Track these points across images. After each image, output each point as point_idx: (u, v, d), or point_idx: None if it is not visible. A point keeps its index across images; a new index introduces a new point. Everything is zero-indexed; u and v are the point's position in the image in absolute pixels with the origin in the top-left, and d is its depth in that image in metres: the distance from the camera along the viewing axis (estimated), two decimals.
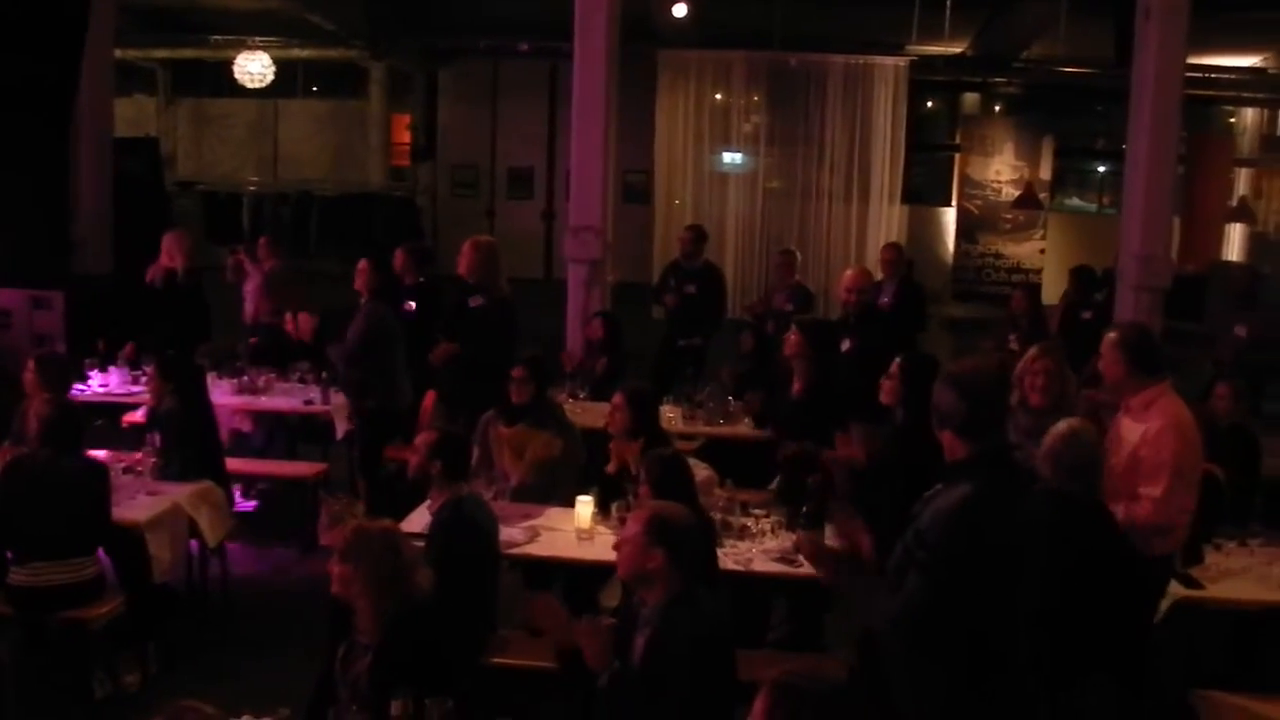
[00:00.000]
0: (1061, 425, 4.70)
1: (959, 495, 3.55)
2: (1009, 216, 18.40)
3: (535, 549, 5.72)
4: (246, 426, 8.50)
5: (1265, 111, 19.40)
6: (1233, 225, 18.86)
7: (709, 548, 5.08)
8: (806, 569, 5.37)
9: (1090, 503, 4.60)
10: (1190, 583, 5.38)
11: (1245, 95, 18.67)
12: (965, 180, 18.56)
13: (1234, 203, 18.67)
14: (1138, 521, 4.89)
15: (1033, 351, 5.95)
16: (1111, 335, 5.29)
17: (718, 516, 5.68)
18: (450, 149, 20.37)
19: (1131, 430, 5.08)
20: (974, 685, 3.62)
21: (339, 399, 8.20)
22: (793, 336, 6.69)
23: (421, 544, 5.05)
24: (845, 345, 7.68)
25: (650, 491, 4.92)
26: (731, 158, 16.79)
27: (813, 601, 6.00)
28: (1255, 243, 18.79)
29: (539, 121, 19.35)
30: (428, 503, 5.40)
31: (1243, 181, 19.31)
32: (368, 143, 19.98)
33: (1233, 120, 19.80)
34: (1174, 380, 5.26)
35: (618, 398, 6.15)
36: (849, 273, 8.58)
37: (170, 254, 9.12)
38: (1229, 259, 18.19)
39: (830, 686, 2.98)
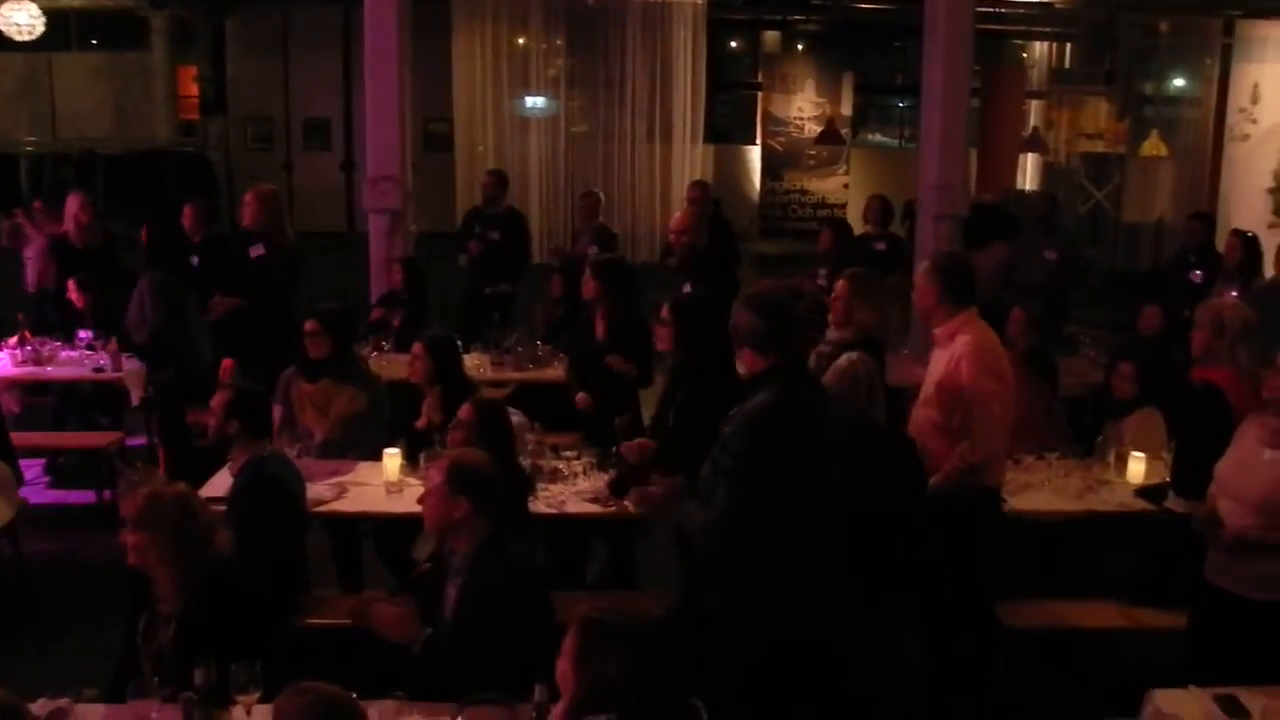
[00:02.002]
0: (840, 360, 4.74)
1: (758, 402, 3.68)
2: (812, 153, 18.71)
3: (343, 505, 5.60)
4: (14, 407, 8.06)
5: (1054, 45, 20.09)
6: (1026, 155, 19.54)
7: (521, 493, 5.07)
8: (619, 507, 5.41)
9: (873, 431, 4.66)
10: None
11: (1035, 29, 19.30)
12: (768, 118, 18.77)
13: (1027, 133, 19.33)
14: (961, 462, 4.98)
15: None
16: (925, 263, 5.36)
17: (528, 461, 5.64)
18: (241, 101, 19.65)
19: (939, 360, 5.14)
20: (784, 585, 3.73)
21: (133, 364, 7.86)
22: (588, 279, 6.67)
23: (224, 507, 4.89)
24: (686, 288, 7.71)
25: (473, 437, 4.85)
26: (533, 101, 16.64)
27: (627, 540, 6.04)
28: (1048, 172, 19.52)
29: (334, 70, 18.81)
30: (229, 465, 5.22)
31: (1035, 113, 20.00)
32: (152, 97, 19.13)
33: (1024, 54, 20.46)
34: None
35: (418, 346, 6.06)
36: (677, 215, 8.60)
37: None
38: (1023, 188, 18.86)
39: (638, 620, 3.00)
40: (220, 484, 5.36)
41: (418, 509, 4.20)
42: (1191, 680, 3.94)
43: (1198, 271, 9.13)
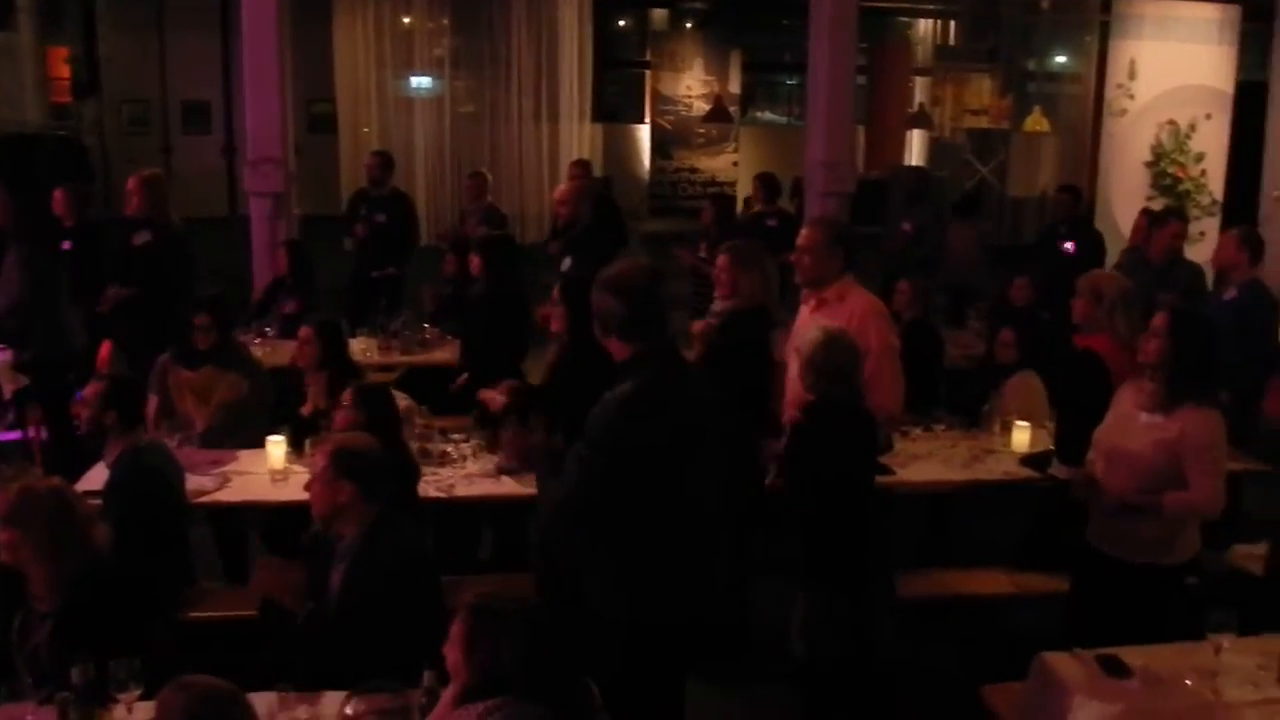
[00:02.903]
0: (816, 333, 4.65)
1: (619, 392, 3.63)
2: (701, 131, 18.70)
3: (227, 495, 5.49)
4: None
5: (939, 23, 20.34)
6: (913, 131, 19.78)
7: (409, 477, 5.01)
8: (509, 488, 5.39)
9: (855, 407, 4.65)
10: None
11: (920, 7, 19.51)
12: (657, 97, 18.71)
13: (913, 110, 19.56)
14: (887, 414, 5.06)
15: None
16: (816, 228, 5.41)
17: (416, 445, 5.58)
18: (116, 83, 19.03)
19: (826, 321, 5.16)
20: (637, 572, 3.71)
21: (4, 356, 7.59)
22: (473, 255, 6.65)
23: (100, 501, 4.76)
24: (566, 264, 7.69)
25: (359, 422, 4.76)
26: (419, 82, 16.40)
27: (518, 521, 6.01)
28: (933, 147, 19.78)
29: (212, 51, 18.33)
30: (105, 456, 5.07)
31: (920, 90, 20.24)
32: (21, 79, 18.42)
33: (909, 31, 20.69)
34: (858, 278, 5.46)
35: (305, 331, 5.97)
36: (560, 187, 8.59)
37: None
38: (910, 163, 19.11)
39: (526, 605, 2.99)
40: (97, 477, 5.20)
41: (304, 496, 4.14)
42: (1076, 643, 4.02)
43: (1069, 243, 9.32)
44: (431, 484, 5.40)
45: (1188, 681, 3.79)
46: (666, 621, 3.80)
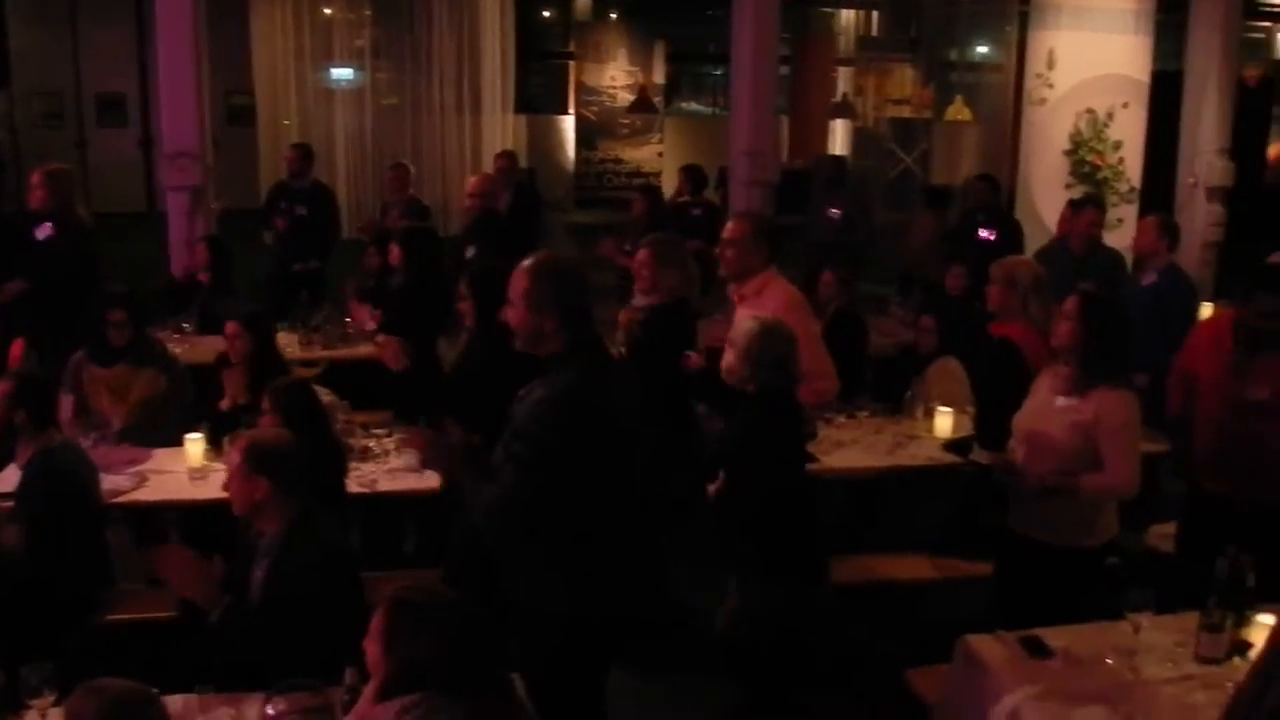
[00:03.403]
0: (752, 324, 4.62)
1: (555, 385, 3.58)
2: (626, 122, 18.71)
3: (144, 494, 5.40)
4: None
5: (861, 13, 20.46)
6: (836, 121, 19.88)
7: (336, 472, 4.95)
8: (433, 482, 5.32)
9: (792, 397, 4.64)
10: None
11: None
12: (581, 88, 18.69)
13: (837, 100, 19.66)
14: (820, 400, 5.09)
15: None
16: (741, 222, 5.41)
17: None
18: (27, 76, 18.56)
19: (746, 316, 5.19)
20: (574, 566, 3.69)
21: None
22: (394, 248, 6.57)
23: (12, 503, 4.66)
24: (470, 253, 7.62)
25: (280, 422, 4.69)
26: (339, 74, 16.21)
27: (442, 516, 5.95)
28: (857, 137, 19.90)
29: (128, 42, 17.97)
30: (16, 458, 4.95)
31: (844, 80, 20.35)
32: None
33: (832, 22, 20.78)
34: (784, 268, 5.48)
35: (234, 325, 5.84)
36: (472, 178, 8.51)
37: None
38: (834, 153, 19.21)
39: (446, 598, 2.96)
40: (9, 478, 5.07)
41: (225, 494, 4.06)
42: (999, 625, 4.06)
43: (987, 231, 9.41)
44: (354, 479, 5.34)
45: (1108, 660, 3.85)
46: (603, 615, 3.78)
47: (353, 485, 5.28)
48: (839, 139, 20.05)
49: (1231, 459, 4.91)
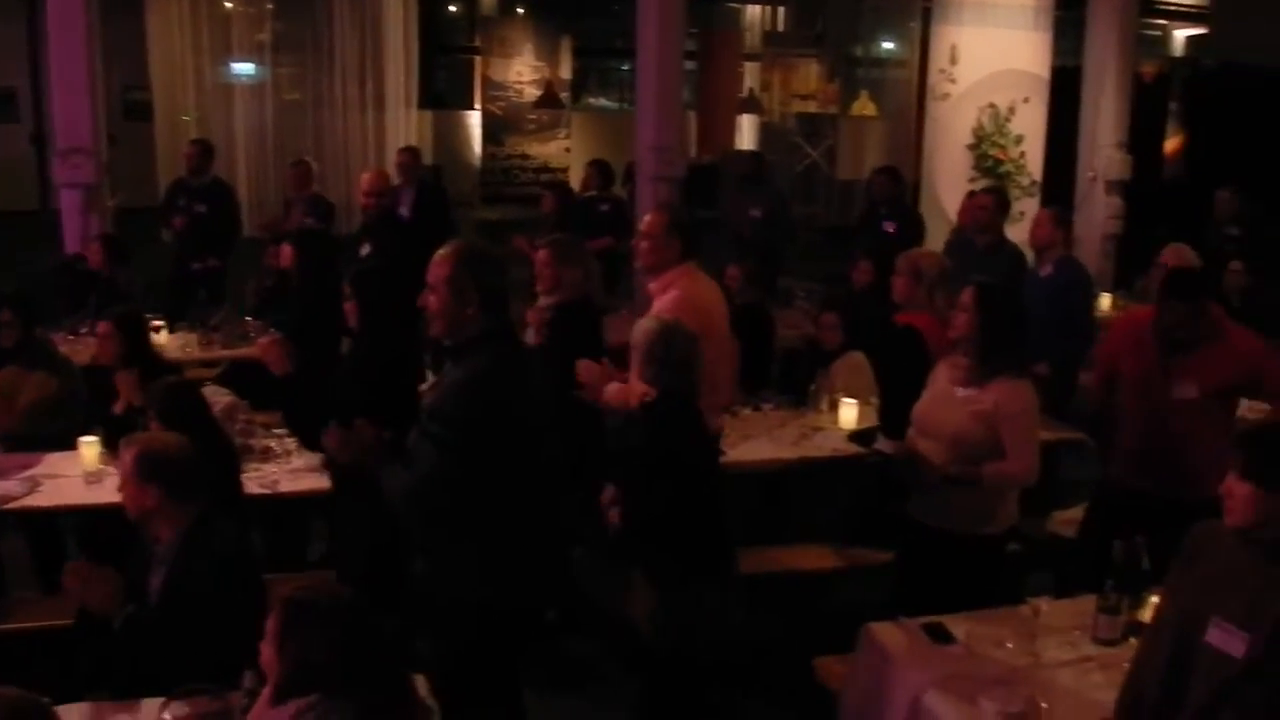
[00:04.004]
0: (651, 323, 4.57)
1: (471, 368, 3.60)
2: (533, 117, 18.62)
3: (37, 500, 5.25)
4: None
5: (767, 8, 20.58)
6: (743, 116, 19.97)
7: (230, 473, 4.85)
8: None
9: (693, 396, 4.59)
10: None
11: None
12: (487, 83, 18.57)
13: (744, 95, 19.75)
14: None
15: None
16: (657, 215, 5.37)
17: (239, 442, 5.42)
18: None
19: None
20: (489, 552, 3.69)
21: None
22: (286, 249, 6.45)
23: None
24: (365, 250, 7.51)
25: (159, 424, 4.58)
26: (240, 68, 15.93)
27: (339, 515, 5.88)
28: (764, 132, 20.02)
29: (18, 35, 17.50)
30: None
31: (750, 75, 20.45)
32: None
33: (738, 17, 20.88)
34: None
35: (105, 326, 5.70)
36: (365, 175, 8.37)
37: None
38: (741, 148, 19.30)
39: (340, 597, 2.92)
40: None
41: (120, 498, 3.97)
42: (902, 612, 4.10)
43: (889, 223, 9.51)
44: (255, 480, 5.27)
45: (1008, 645, 3.90)
46: (514, 603, 3.79)
47: (254, 486, 5.20)
48: (746, 134, 20.16)
49: (1154, 455, 4.95)
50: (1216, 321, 4.92)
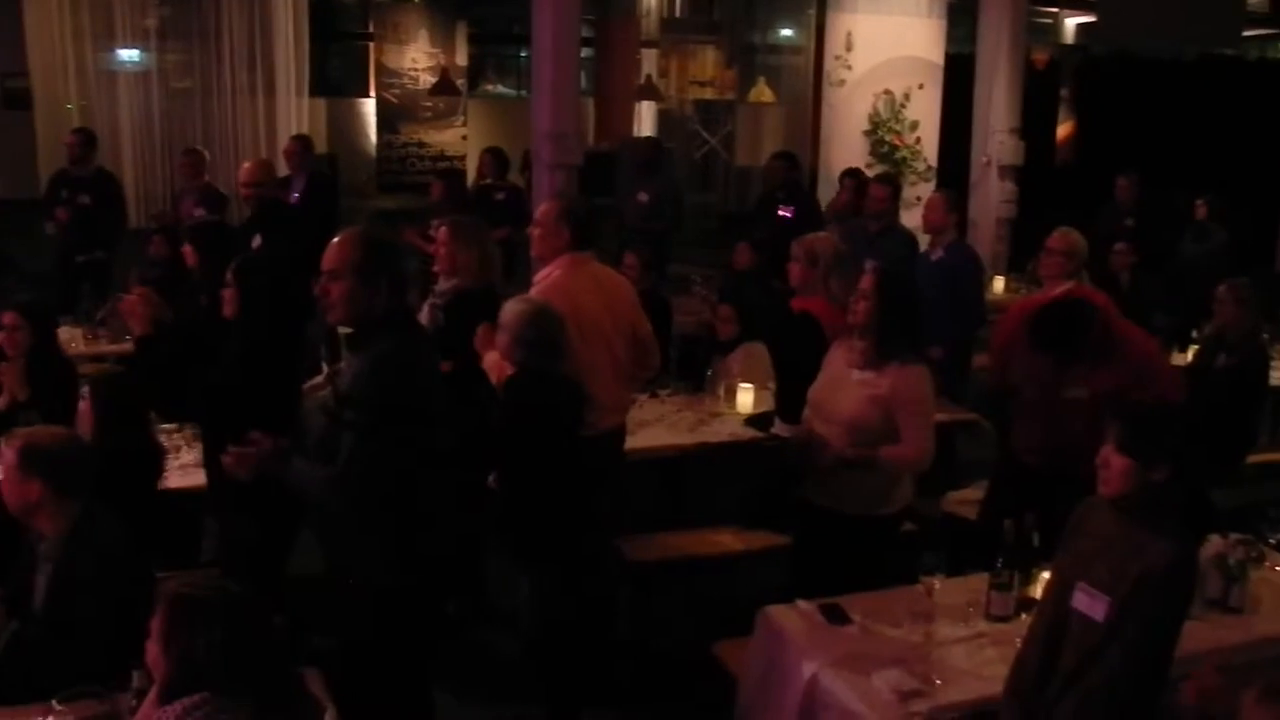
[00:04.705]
0: (519, 305, 4.59)
1: (377, 352, 3.56)
2: (429, 105, 18.43)
3: None
4: None
5: None
6: (642, 103, 19.95)
7: (151, 471, 4.77)
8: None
9: (562, 377, 4.60)
10: None
11: None
12: (382, 70, 18.33)
13: (642, 82, 19.72)
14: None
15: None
16: (548, 204, 5.34)
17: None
18: None
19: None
20: (406, 541, 3.67)
21: None
22: (186, 247, 6.28)
23: None
24: (257, 242, 7.34)
25: (98, 417, 4.51)
26: (127, 55, 15.51)
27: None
28: (663, 119, 20.02)
29: None
30: None
31: (648, 62, 20.42)
32: None
33: (636, 3, 20.81)
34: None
35: (11, 316, 5.47)
36: (244, 165, 8.16)
37: None
38: (640, 134, 19.27)
39: (226, 592, 2.85)
40: None
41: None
42: (800, 594, 4.13)
43: (785, 209, 9.57)
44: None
45: (903, 624, 3.95)
46: (423, 591, 3.79)
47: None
48: (645, 121, 20.14)
49: (1048, 442, 5.01)
50: (1105, 329, 4.94)
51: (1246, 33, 17.26)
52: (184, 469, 5.30)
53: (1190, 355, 7.35)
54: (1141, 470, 3.21)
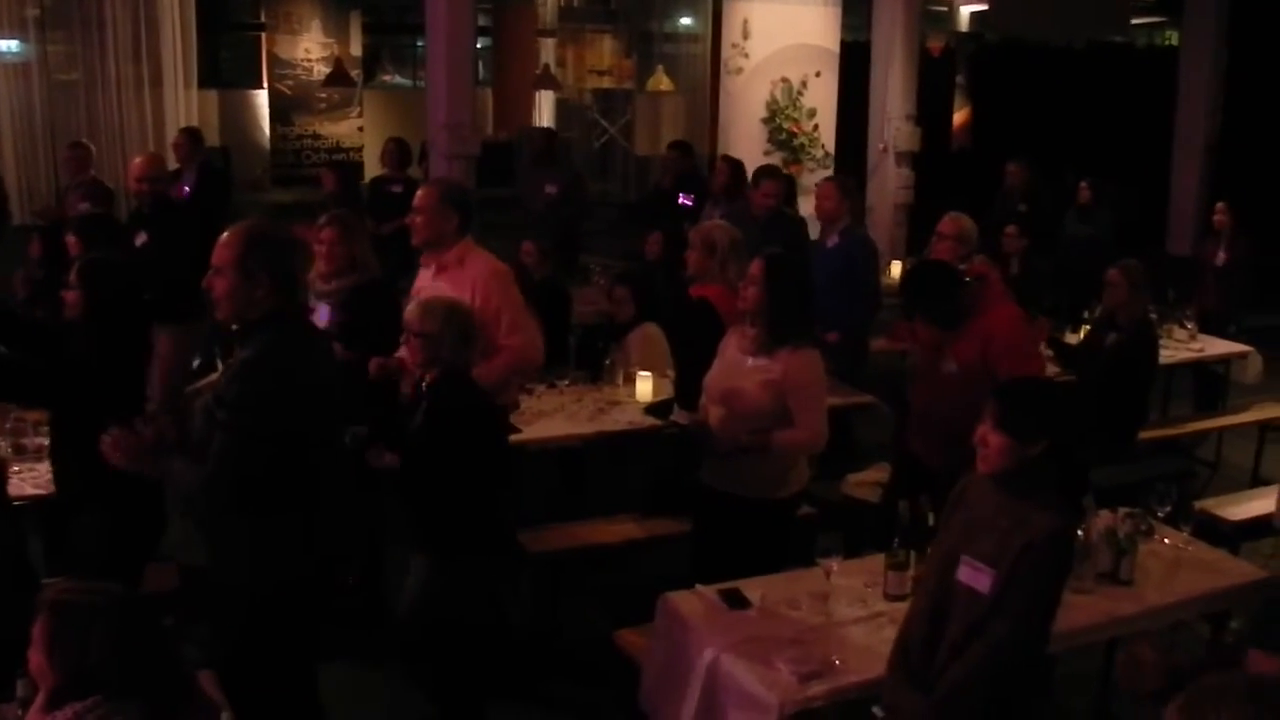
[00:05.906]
0: (441, 306, 4.48)
1: (255, 349, 3.51)
2: (323, 96, 18.13)
3: None
4: None
5: None
6: (541, 93, 19.86)
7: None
8: None
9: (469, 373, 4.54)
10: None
11: None
12: (274, 60, 17.99)
13: (540, 71, 19.64)
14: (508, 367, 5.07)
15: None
16: (428, 189, 5.29)
17: (9, 442, 5.25)
18: None
19: (444, 286, 5.06)
20: (287, 534, 3.61)
21: None
22: (70, 238, 6.12)
23: None
24: (141, 239, 7.17)
25: None
26: (7, 45, 14.99)
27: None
28: (562, 108, 19.95)
29: None
30: None
31: (547, 51, 20.33)
32: None
33: None
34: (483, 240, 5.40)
35: None
36: (136, 160, 7.98)
37: None
38: (540, 124, 19.18)
39: (110, 596, 2.79)
40: None
41: None
42: (700, 579, 4.15)
43: (684, 197, 9.59)
44: (29, 481, 4.99)
45: (802, 605, 3.99)
46: (306, 588, 3.72)
47: (26, 488, 4.93)
48: (544, 111, 20.06)
49: (928, 423, 5.10)
50: (978, 296, 5.02)
51: (1135, 20, 17.67)
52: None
53: (1081, 335, 7.52)
54: (1019, 446, 3.30)
